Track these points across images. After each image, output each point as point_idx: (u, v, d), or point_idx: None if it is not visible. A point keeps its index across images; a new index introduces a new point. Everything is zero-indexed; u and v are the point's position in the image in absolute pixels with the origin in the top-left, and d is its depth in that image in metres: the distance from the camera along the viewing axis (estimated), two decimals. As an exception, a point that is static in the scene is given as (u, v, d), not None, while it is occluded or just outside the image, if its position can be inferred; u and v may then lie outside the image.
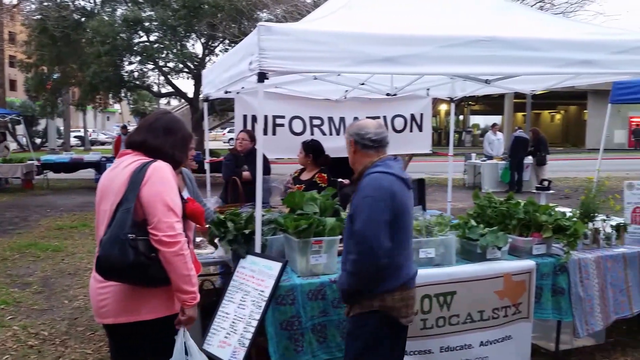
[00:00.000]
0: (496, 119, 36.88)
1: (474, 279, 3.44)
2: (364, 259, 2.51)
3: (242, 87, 5.67)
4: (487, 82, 4.33)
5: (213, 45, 18.26)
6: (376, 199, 2.55)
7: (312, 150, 5.31)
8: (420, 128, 7.37)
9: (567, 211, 4.04)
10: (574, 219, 3.79)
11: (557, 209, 3.93)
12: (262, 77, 3.33)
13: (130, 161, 2.43)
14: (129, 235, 2.25)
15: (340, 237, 3.58)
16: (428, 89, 6.71)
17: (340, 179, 6.96)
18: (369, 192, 2.58)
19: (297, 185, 4.64)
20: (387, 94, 6.11)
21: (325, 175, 5.13)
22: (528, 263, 3.59)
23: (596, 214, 4.07)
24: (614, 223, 4.13)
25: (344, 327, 3.25)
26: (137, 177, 2.33)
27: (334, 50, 3.41)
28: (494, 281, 3.48)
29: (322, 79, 5.36)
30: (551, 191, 6.17)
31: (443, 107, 38.94)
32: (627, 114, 32.75)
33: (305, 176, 5.29)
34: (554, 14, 11.95)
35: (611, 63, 4.06)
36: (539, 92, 6.41)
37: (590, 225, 4.01)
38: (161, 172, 2.38)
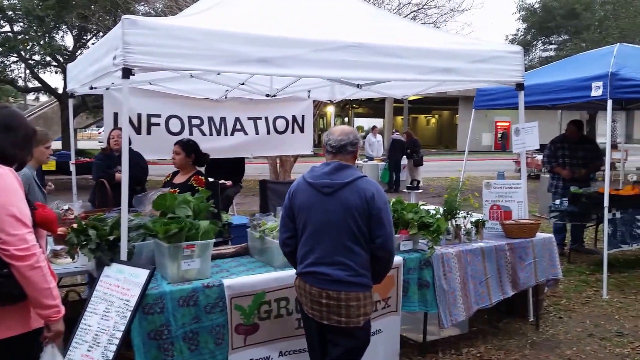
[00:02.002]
0: (378, 121, 38.44)
1: (346, 277, 3.51)
2: None
3: (112, 83, 5.38)
4: (358, 86, 4.46)
5: (85, 38, 17.16)
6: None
7: (194, 150, 4.89)
8: (301, 129, 7.46)
9: (432, 209, 4.28)
10: (437, 217, 4.02)
11: (422, 207, 4.15)
12: (127, 72, 3.16)
13: None
14: None
15: (214, 240, 3.51)
16: (309, 91, 6.81)
17: (222, 181, 6.84)
18: None
19: (171, 190, 4.36)
20: (267, 95, 6.10)
21: (202, 177, 4.83)
22: (396, 259, 3.71)
23: (458, 212, 4.35)
24: (474, 219, 4.44)
25: (218, 332, 3.20)
26: None
27: (205, 48, 3.34)
28: (365, 278, 3.59)
29: (199, 77, 5.22)
30: (420, 190, 6.54)
31: (330, 110, 39.86)
32: (493, 118, 35.62)
33: (179, 179, 4.88)
34: (427, 23, 12.70)
35: (470, 71, 4.37)
36: (411, 98, 6.74)
37: (452, 221, 4.28)
38: (2, 180, 2.12)
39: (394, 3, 12.78)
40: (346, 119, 46.62)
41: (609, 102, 5.54)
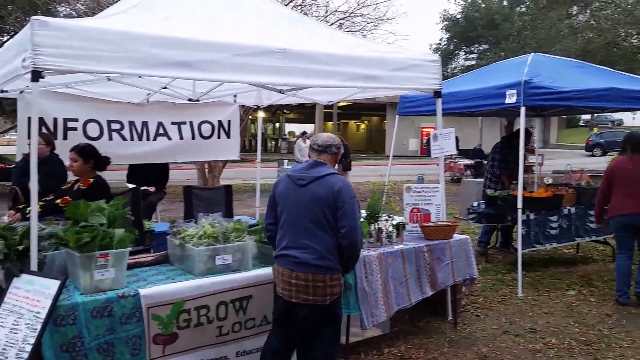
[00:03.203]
0: (309, 127, 38.73)
1: (269, 282, 3.50)
2: None
3: (27, 86, 5.11)
4: (281, 91, 4.48)
5: (1, 39, 16.22)
6: None
7: (92, 154, 4.59)
8: (228, 135, 7.40)
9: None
10: (360, 220, 4.08)
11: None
12: (36, 75, 3.02)
13: None
14: None
15: (135, 248, 3.41)
16: (235, 96, 6.76)
17: (144, 187, 6.65)
18: None
19: (64, 199, 4.12)
20: (190, 99, 6.00)
21: (90, 179, 4.51)
22: (319, 264, 3.77)
23: (380, 215, 4.45)
24: (395, 222, 4.55)
25: (134, 343, 3.10)
26: None
27: (120, 50, 3.24)
28: (287, 283, 3.61)
29: (118, 80, 5.05)
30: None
31: (261, 115, 39.83)
32: (419, 124, 36.74)
33: (76, 186, 4.60)
34: (353, 31, 12.96)
35: (391, 78, 4.49)
36: (341, 104, 6.84)
37: (375, 225, 4.37)
38: None
39: (321, 11, 12.96)
40: (277, 125, 46.70)
41: (522, 109, 5.85)
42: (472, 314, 5.25)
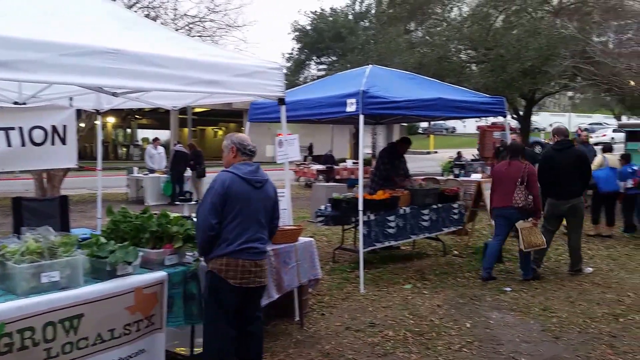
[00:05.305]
0: (164, 133, 37.32)
1: (102, 298, 3.31)
2: (197, 231, 3.65)
3: None
4: (114, 94, 4.27)
5: None
6: (211, 187, 3.63)
7: None
8: (63, 141, 6.80)
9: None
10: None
11: (189, 220, 4.13)
12: None
13: None
14: None
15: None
16: (71, 99, 6.29)
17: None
18: (211, 184, 3.65)
19: None
20: (16, 102, 5.47)
21: None
22: (159, 274, 3.64)
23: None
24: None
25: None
26: None
27: None
28: (124, 297, 3.42)
29: None
30: (193, 202, 6.53)
31: (110, 120, 37.52)
32: (275, 131, 37.26)
33: None
34: (204, 36, 12.79)
35: (234, 84, 4.50)
36: (197, 110, 6.68)
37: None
38: None
39: (170, 14, 12.61)
40: (128, 130, 44.36)
41: (361, 117, 6.22)
42: (318, 313, 5.43)
